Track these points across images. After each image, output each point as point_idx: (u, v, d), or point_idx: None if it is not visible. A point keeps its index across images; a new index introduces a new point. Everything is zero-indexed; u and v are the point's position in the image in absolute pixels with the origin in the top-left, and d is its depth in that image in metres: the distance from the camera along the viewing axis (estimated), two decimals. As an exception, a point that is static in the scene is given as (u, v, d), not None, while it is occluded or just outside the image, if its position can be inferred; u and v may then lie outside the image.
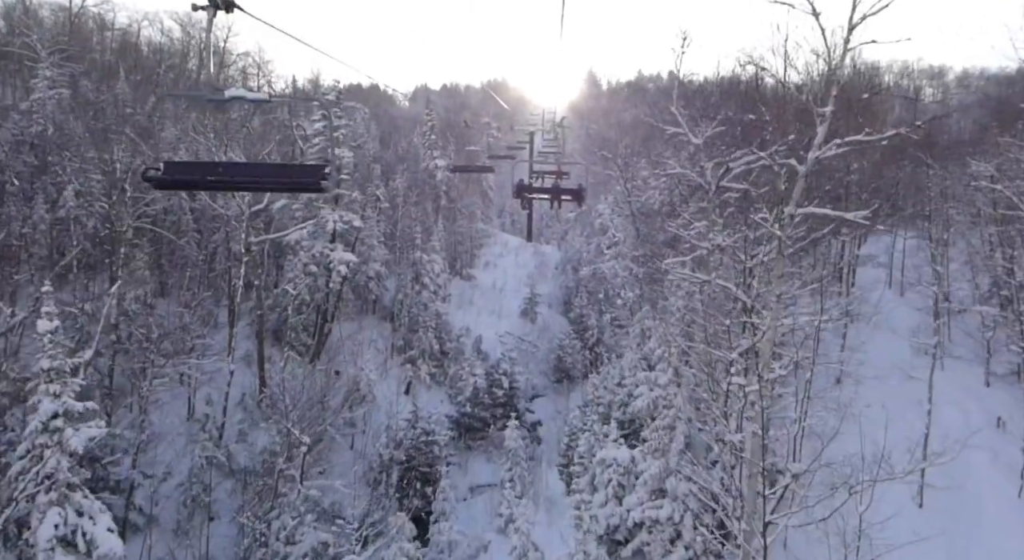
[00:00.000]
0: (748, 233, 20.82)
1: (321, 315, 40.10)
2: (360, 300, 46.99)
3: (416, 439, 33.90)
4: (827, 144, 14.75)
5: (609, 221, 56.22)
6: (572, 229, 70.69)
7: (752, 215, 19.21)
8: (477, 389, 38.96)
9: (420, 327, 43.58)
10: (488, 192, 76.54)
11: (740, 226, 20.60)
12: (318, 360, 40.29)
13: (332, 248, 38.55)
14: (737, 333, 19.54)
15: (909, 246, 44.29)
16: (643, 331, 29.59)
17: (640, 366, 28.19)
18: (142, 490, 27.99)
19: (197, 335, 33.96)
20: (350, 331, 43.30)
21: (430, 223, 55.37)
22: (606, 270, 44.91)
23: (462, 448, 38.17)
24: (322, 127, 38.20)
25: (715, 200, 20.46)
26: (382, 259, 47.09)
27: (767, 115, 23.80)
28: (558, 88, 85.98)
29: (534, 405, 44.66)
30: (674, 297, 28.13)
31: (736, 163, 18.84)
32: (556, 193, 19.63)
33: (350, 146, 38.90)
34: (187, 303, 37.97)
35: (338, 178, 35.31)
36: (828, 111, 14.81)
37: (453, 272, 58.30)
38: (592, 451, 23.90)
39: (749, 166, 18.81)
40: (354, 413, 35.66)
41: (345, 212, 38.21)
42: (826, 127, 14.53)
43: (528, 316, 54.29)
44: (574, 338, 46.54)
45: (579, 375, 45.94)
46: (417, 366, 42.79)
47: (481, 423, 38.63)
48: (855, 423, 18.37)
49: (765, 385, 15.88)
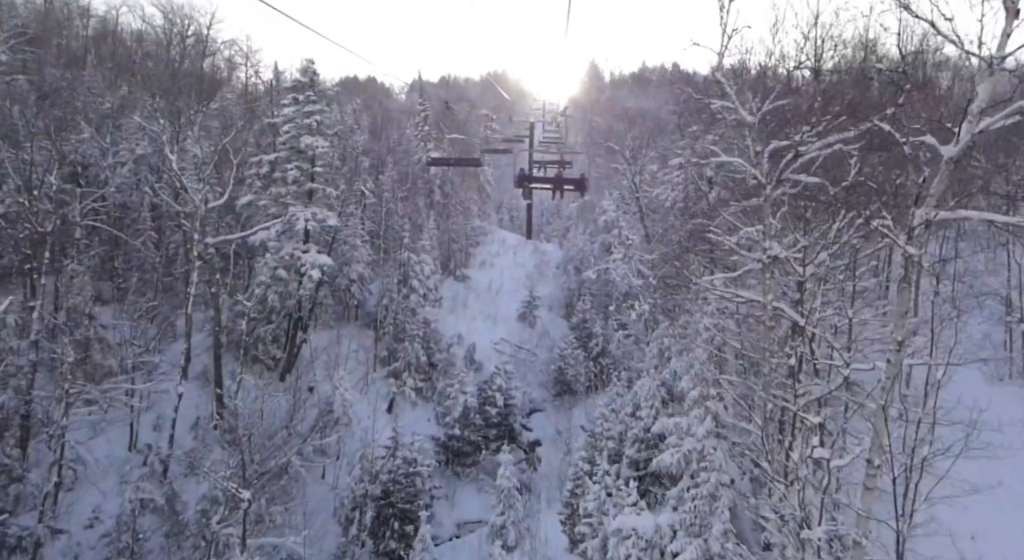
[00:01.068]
0: (800, 239, 15.51)
1: (293, 324, 34.78)
2: (340, 306, 41.69)
3: (395, 471, 28.59)
4: (996, 108, 9.19)
5: (615, 219, 50.84)
6: (574, 226, 65.36)
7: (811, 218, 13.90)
8: (467, 409, 33.68)
9: (406, 336, 38.26)
10: (486, 186, 71.06)
11: (798, 232, 15.33)
12: (289, 375, 35.09)
13: (305, 249, 33.20)
14: (809, 374, 14.36)
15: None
16: (661, 351, 24.24)
17: (659, 395, 22.85)
18: (59, 544, 22.73)
19: (142, 351, 28.65)
20: (327, 341, 38.03)
21: (421, 220, 49.97)
22: (615, 275, 39.48)
23: (449, 476, 32.91)
24: (293, 112, 32.78)
25: (772, 197, 15.09)
26: (366, 260, 41.75)
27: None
28: (560, 79, 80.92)
29: (532, 421, 39.39)
30: (699, 312, 22.74)
31: (810, 148, 13.54)
32: (558, 183, 18.44)
33: (326, 134, 33.47)
34: (144, 312, 32.74)
35: (312, 170, 29.62)
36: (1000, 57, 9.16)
37: (446, 272, 53.01)
38: (603, 509, 18.67)
39: (825, 150, 13.51)
40: (326, 440, 30.38)
41: (319, 209, 32.82)
42: (991, 84, 9.05)
43: (526, 320, 49.07)
44: (576, 347, 41.26)
45: (582, 389, 40.75)
46: (402, 380, 37.52)
47: (472, 447, 33.37)
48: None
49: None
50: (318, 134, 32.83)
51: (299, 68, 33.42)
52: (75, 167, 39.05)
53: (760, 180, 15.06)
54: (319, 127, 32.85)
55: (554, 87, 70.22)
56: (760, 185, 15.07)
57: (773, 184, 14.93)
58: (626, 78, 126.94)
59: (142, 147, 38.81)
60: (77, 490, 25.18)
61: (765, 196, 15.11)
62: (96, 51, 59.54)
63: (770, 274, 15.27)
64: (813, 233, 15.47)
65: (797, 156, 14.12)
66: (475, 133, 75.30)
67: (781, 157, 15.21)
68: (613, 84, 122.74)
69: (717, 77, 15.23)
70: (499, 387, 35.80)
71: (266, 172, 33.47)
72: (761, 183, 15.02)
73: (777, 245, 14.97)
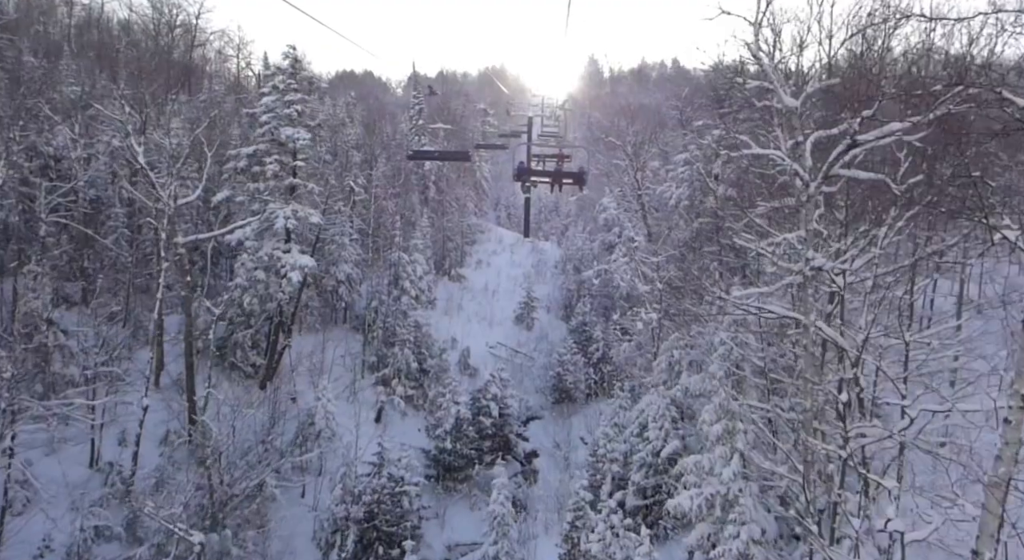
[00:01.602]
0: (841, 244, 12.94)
1: (274, 329, 32.17)
2: (327, 308, 39.06)
3: (380, 490, 26.02)
4: None
5: (615, 216, 48.29)
6: (573, 224, 62.84)
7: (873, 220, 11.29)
8: (460, 420, 31.09)
9: (397, 340, 35.67)
10: (483, 182, 68.45)
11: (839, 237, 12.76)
12: (271, 382, 32.50)
13: (286, 249, 30.58)
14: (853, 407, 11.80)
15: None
16: (671, 365, 21.71)
17: (669, 414, 20.32)
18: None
19: (105, 360, 26.06)
20: (313, 346, 35.41)
21: (415, 217, 47.33)
22: (618, 277, 36.92)
23: (440, 493, 30.33)
24: (272, 101, 30.10)
25: (815, 197, 12.42)
26: (355, 260, 39.11)
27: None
28: (560, 74, 78.44)
29: (529, 429, 36.84)
30: (713, 323, 20.23)
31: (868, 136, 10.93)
32: (557, 176, 18.49)
33: (308, 125, 30.77)
34: (111, 315, 30.20)
35: (293, 164, 27.01)
36: None
37: (440, 272, 50.45)
38: (608, 552, 16.13)
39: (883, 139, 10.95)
40: (306, 456, 27.84)
41: (301, 206, 30.18)
42: None
43: (524, 322, 46.52)
44: (576, 352, 38.69)
45: (581, 397, 38.23)
46: (391, 387, 34.96)
47: (464, 461, 30.78)
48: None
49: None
50: (300, 125, 30.16)
51: (281, 53, 30.66)
52: (46, 160, 36.48)
53: (802, 176, 12.42)
54: (301, 117, 30.16)
55: (553, 82, 67.84)
56: (801, 182, 12.42)
57: (818, 181, 12.31)
58: (625, 74, 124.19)
59: (118, 139, 36.14)
60: (27, 514, 22.58)
61: (808, 195, 12.48)
62: (78, 40, 56.68)
63: (812, 289, 12.70)
64: (859, 240, 12.95)
65: (852, 146, 11.51)
66: (472, 128, 72.73)
67: (821, 150, 12.65)
68: (613, 80, 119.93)
69: (754, 50, 12.60)
70: (494, 396, 33.22)
71: (243, 166, 30.84)
72: (803, 180, 12.38)
73: (820, 255, 12.38)
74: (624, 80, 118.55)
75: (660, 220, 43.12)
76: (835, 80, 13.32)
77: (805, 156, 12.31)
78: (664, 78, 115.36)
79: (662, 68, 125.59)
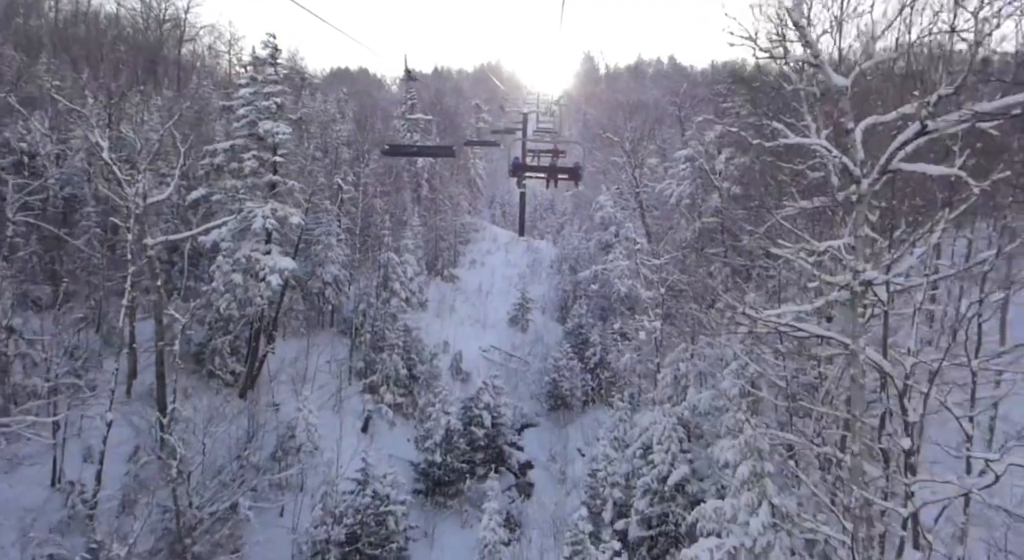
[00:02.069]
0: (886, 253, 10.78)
1: (254, 335, 29.96)
2: (313, 311, 36.83)
3: (364, 510, 23.90)
4: None
5: (612, 215, 46.13)
6: (569, 222, 60.63)
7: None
8: (450, 431, 28.97)
9: (386, 345, 33.49)
10: (477, 180, 66.22)
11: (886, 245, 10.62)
12: (252, 391, 30.33)
13: (266, 251, 28.34)
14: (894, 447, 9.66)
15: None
16: (677, 379, 19.57)
17: (676, 435, 18.19)
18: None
19: (66, 371, 23.83)
20: (297, 351, 33.22)
21: (406, 216, 45.07)
22: (617, 282, 34.80)
23: (429, 509, 28.25)
24: (250, 93, 27.81)
25: (868, 196, 10.20)
26: (342, 261, 36.88)
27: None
28: (555, 70, 76.29)
29: (524, 438, 34.83)
30: (725, 332, 18.14)
31: (947, 119, 8.75)
32: (552, 171, 18.62)
33: (289, 119, 28.49)
34: (79, 320, 27.98)
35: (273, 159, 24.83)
36: None
37: (432, 273, 48.27)
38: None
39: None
40: (285, 473, 25.69)
41: (282, 205, 27.94)
42: None
43: (518, 324, 44.38)
44: (572, 357, 36.56)
45: (578, 404, 36.17)
46: (379, 395, 32.82)
47: (455, 475, 28.66)
48: None
49: None
50: (280, 118, 27.88)
51: (261, 41, 28.35)
52: (20, 155, 34.19)
53: (851, 171, 10.18)
54: (281, 110, 27.89)
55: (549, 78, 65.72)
56: (850, 178, 10.17)
57: (873, 177, 10.09)
58: (622, 71, 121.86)
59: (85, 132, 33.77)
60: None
61: (859, 194, 10.25)
62: (61, 34, 54.13)
63: (862, 307, 10.53)
64: (905, 245, 10.83)
65: (922, 133, 9.29)
66: (466, 124, 70.46)
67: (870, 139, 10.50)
68: (609, 77, 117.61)
69: (796, 17, 10.32)
70: (487, 404, 31.16)
71: (221, 162, 28.57)
72: (853, 175, 10.14)
73: (868, 266, 10.18)
74: (620, 77, 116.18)
75: (659, 219, 41.00)
76: (894, 54, 11.08)
77: (856, 147, 10.12)
78: (660, 75, 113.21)
79: (658, 65, 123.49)
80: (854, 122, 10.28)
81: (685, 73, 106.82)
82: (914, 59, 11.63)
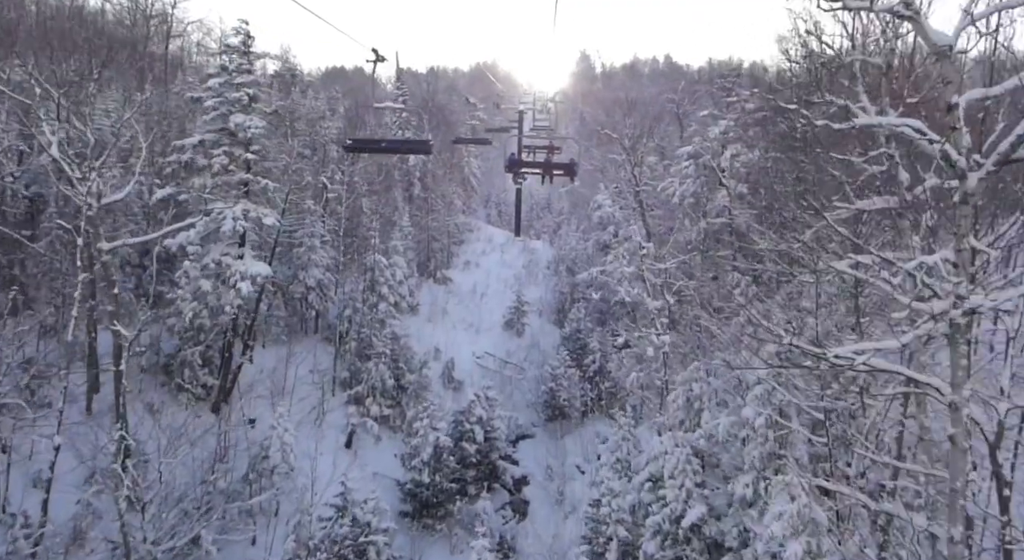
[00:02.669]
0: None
1: (228, 345, 27.28)
2: (295, 317, 34.12)
3: (342, 541, 21.27)
4: None
5: (611, 214, 43.53)
6: (566, 222, 57.99)
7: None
8: (439, 448, 26.32)
9: (373, 353, 30.81)
10: (471, 178, 63.50)
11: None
12: (225, 404, 27.65)
13: (239, 255, 25.65)
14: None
15: None
16: (690, 401, 16.96)
17: (690, 468, 15.55)
18: None
19: (11, 388, 21.14)
20: (277, 360, 30.55)
21: (396, 216, 42.36)
22: (617, 286, 32.12)
23: (416, 532, 25.63)
24: (220, 85, 25.09)
25: (976, 195, 7.50)
26: (326, 264, 34.19)
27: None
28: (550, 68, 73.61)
29: (520, 450, 32.22)
30: (747, 349, 15.54)
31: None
32: (548, 167, 18.42)
33: (263, 112, 25.78)
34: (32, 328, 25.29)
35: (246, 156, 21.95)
36: None
37: (424, 275, 45.60)
38: None
39: None
40: (256, 499, 23.02)
41: (254, 206, 25.24)
42: None
43: (514, 329, 41.76)
44: (570, 365, 33.93)
45: (576, 414, 33.54)
46: (365, 407, 30.16)
47: (444, 496, 26.02)
48: None
49: None
50: (253, 112, 25.18)
51: (232, 28, 25.58)
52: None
53: (954, 161, 7.53)
54: (254, 103, 25.18)
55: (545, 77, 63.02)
56: (952, 170, 7.52)
57: (985, 169, 7.39)
58: (617, 70, 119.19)
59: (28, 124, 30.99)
60: None
61: (965, 193, 7.59)
62: (43, 28, 51.24)
63: (966, 343, 7.91)
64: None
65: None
66: (460, 121, 67.78)
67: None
68: (605, 76, 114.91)
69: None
70: (479, 418, 28.55)
71: (187, 159, 25.88)
72: (956, 167, 7.44)
73: (978, 290, 7.54)
74: (616, 76, 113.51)
75: (661, 219, 38.41)
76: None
77: (960, 129, 7.45)
78: (657, 73, 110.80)
79: (654, 64, 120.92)
80: (957, 95, 7.56)
81: (681, 71, 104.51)
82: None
